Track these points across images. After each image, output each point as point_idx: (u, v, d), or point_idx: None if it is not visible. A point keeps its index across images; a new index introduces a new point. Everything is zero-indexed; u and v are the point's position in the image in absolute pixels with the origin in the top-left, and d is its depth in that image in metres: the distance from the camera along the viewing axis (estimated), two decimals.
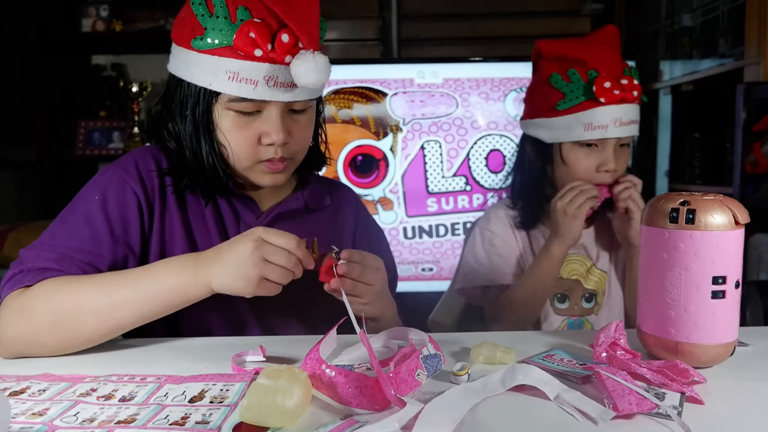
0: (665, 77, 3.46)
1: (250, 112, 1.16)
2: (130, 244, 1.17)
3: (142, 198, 1.18)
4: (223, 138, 1.18)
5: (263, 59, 1.09)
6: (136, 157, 1.24)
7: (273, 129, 1.16)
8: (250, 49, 1.08)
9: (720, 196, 0.97)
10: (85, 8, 3.64)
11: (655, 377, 0.90)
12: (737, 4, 2.75)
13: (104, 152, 3.66)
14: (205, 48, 1.11)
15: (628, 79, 1.54)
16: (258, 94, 1.12)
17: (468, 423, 0.78)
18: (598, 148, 1.57)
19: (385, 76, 3.27)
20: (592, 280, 1.68)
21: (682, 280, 0.95)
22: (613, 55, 1.58)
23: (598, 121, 1.53)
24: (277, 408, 0.75)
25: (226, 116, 1.16)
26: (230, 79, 1.11)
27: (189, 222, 1.24)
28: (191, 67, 1.15)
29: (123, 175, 1.19)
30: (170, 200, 1.23)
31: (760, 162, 2.34)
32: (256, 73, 1.10)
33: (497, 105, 3.27)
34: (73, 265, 1.10)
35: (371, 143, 3.25)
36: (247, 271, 1.02)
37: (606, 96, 1.52)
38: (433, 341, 1.00)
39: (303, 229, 1.26)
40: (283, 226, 1.23)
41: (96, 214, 1.14)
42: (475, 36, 3.78)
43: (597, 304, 1.67)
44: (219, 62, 1.11)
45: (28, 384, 0.91)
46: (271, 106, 1.15)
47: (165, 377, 0.94)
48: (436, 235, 3.33)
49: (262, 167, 1.20)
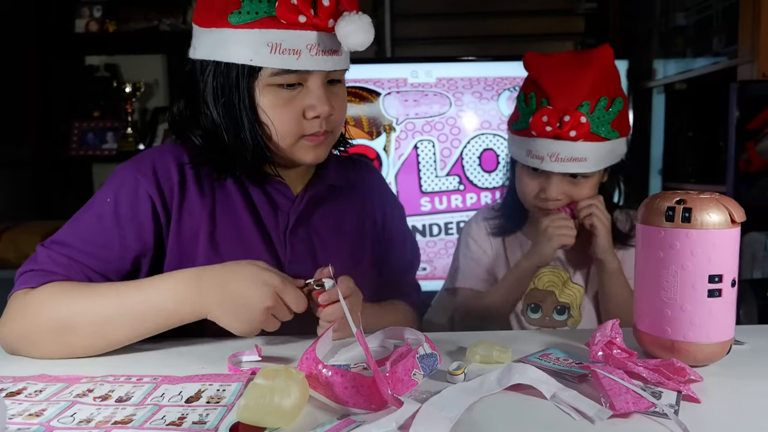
0: (659, 76, 3.46)
1: (292, 84, 1.12)
2: (143, 245, 1.16)
3: (157, 199, 1.16)
4: (266, 117, 1.14)
5: (306, 26, 1.06)
6: (155, 156, 1.21)
7: (318, 101, 1.12)
8: (294, 16, 1.05)
9: (716, 194, 0.97)
10: (79, 9, 3.63)
11: (652, 376, 0.90)
12: (731, 3, 2.75)
13: (98, 152, 3.65)
14: (244, 22, 1.06)
15: (573, 115, 1.45)
16: (302, 65, 1.08)
17: (465, 422, 0.78)
18: (543, 176, 1.55)
19: (379, 75, 3.26)
20: (566, 293, 1.67)
21: (678, 278, 0.95)
22: (579, 83, 1.49)
23: (536, 152, 1.51)
24: (274, 408, 0.75)
25: (267, 93, 1.12)
26: (272, 51, 1.07)
27: (215, 217, 1.20)
28: (227, 46, 1.09)
29: (137, 175, 1.16)
30: (192, 198, 1.19)
31: (754, 160, 2.34)
32: (300, 42, 1.07)
33: (491, 104, 3.27)
34: (79, 272, 1.11)
35: (364, 143, 3.25)
36: (251, 319, 1.04)
37: (537, 130, 1.48)
38: (429, 341, 1.00)
39: (335, 214, 1.29)
40: (318, 212, 1.27)
41: (107, 216, 1.14)
42: (469, 35, 3.78)
43: (570, 317, 1.66)
44: (260, 34, 1.06)
45: (24, 385, 0.91)
46: (313, 77, 1.12)
47: (162, 378, 0.94)
48: (429, 235, 3.33)
49: (305, 143, 1.17)
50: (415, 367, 0.90)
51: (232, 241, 1.20)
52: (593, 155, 1.50)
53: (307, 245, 1.26)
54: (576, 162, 1.49)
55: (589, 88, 1.48)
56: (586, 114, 1.47)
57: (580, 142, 1.48)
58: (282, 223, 1.24)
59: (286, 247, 1.23)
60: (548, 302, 1.66)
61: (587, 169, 1.51)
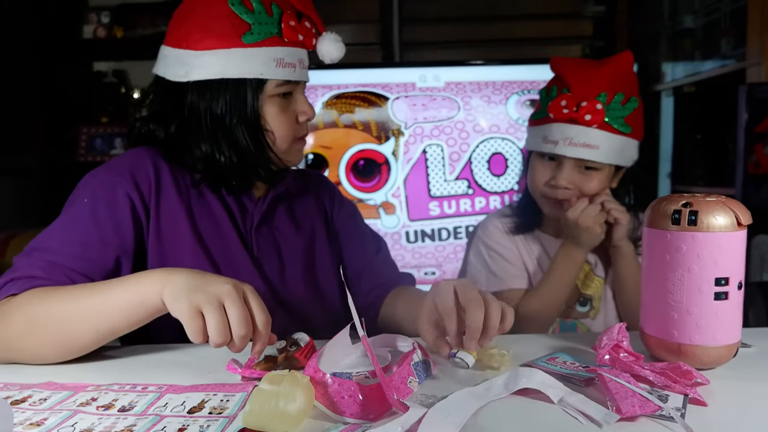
0: (667, 79, 3.46)
1: (287, 93, 1.28)
2: (123, 245, 1.18)
3: (136, 198, 1.20)
4: (268, 124, 1.27)
5: (300, 44, 1.26)
6: (129, 158, 1.26)
7: (307, 106, 1.31)
8: (295, 35, 1.24)
9: (722, 197, 0.96)
10: (87, 14, 3.65)
11: (658, 379, 0.90)
12: (739, 6, 2.74)
13: (106, 158, 3.65)
14: (255, 41, 1.21)
15: (590, 102, 1.54)
16: (296, 76, 1.27)
17: (471, 427, 0.78)
18: (556, 164, 1.60)
19: (387, 80, 3.27)
20: (589, 285, 1.69)
21: (684, 281, 0.94)
22: (598, 76, 1.57)
23: (551, 136, 1.58)
24: (280, 413, 0.75)
25: (270, 104, 1.26)
26: (277, 66, 1.23)
27: (193, 214, 1.27)
28: (239, 63, 1.22)
29: (113, 177, 1.21)
30: (170, 196, 1.25)
31: (762, 163, 2.34)
32: (294, 57, 1.25)
33: (499, 108, 3.27)
34: (61, 274, 1.10)
35: (373, 147, 3.25)
36: (190, 290, 0.94)
37: (554, 112, 1.57)
38: (421, 348, 1.00)
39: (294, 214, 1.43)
40: (279, 213, 1.40)
41: (85, 217, 1.16)
42: (477, 39, 3.78)
43: (593, 308, 1.68)
44: (269, 52, 1.22)
45: (30, 392, 0.91)
46: (299, 87, 1.31)
47: (166, 387, 0.94)
48: (438, 239, 3.33)
49: (296, 145, 1.33)
50: (411, 374, 0.90)
51: (212, 235, 1.28)
52: (605, 145, 1.56)
53: (271, 242, 1.36)
54: (589, 148, 1.55)
55: (608, 82, 1.56)
56: (603, 103, 1.54)
57: (594, 129, 1.55)
58: (248, 222, 1.34)
59: (253, 244, 1.33)
60: (572, 295, 1.68)
61: (599, 158, 1.56)
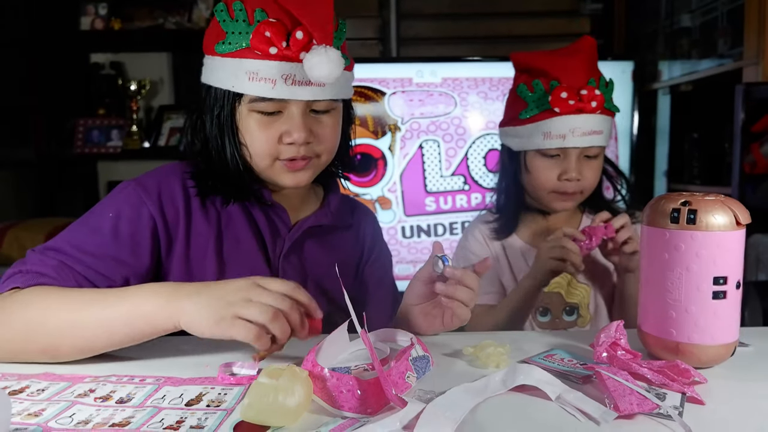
0: (664, 77, 3.46)
1: (272, 112, 1.18)
2: (136, 267, 1.15)
3: (159, 221, 1.17)
4: (244, 139, 1.20)
5: (278, 57, 1.12)
6: (160, 177, 1.23)
7: (293, 127, 1.17)
8: (266, 48, 1.11)
9: (721, 196, 0.97)
10: (84, 6, 3.63)
11: (656, 377, 0.90)
12: (736, 5, 2.75)
13: (103, 150, 3.66)
14: (226, 51, 1.15)
15: (588, 90, 1.53)
16: (276, 93, 1.14)
17: (469, 423, 0.78)
18: (560, 158, 1.59)
19: (384, 75, 3.27)
20: (573, 293, 1.67)
21: (683, 280, 0.95)
22: (578, 65, 1.58)
23: (557, 131, 1.55)
24: (278, 407, 0.75)
25: (249, 118, 1.18)
26: (250, 80, 1.14)
27: (221, 237, 1.24)
28: (216, 72, 1.18)
29: (142, 195, 1.18)
30: (199, 219, 1.23)
31: (759, 162, 2.34)
32: (273, 72, 1.13)
33: (496, 104, 3.28)
34: (70, 277, 1.08)
35: (370, 142, 3.25)
36: (219, 308, 0.92)
37: (560, 106, 1.53)
38: (421, 342, 1.00)
39: (331, 248, 1.32)
40: (312, 244, 1.30)
41: (106, 232, 1.13)
42: (474, 35, 3.77)
43: (580, 316, 1.66)
44: (239, 64, 1.14)
45: (28, 383, 0.91)
46: (292, 106, 1.17)
47: (164, 379, 0.93)
48: (434, 235, 3.33)
49: (281, 166, 1.21)
50: (409, 369, 0.90)
51: (237, 260, 1.23)
52: (606, 128, 1.58)
53: (298, 272, 1.29)
54: (594, 135, 1.56)
55: (588, 68, 1.59)
56: (596, 89, 1.55)
57: (596, 115, 1.55)
58: (279, 248, 1.28)
59: (279, 271, 1.27)
60: (556, 304, 1.66)
61: (603, 143, 1.59)
